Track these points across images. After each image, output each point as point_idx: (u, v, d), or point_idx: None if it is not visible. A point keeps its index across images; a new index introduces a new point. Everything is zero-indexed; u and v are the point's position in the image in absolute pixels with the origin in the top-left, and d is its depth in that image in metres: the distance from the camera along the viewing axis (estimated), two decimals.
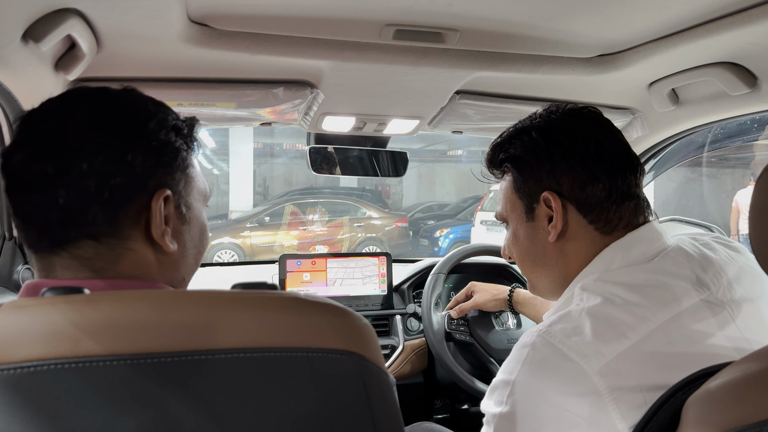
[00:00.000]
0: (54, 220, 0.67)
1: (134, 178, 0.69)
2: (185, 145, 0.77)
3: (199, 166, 0.82)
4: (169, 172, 0.74)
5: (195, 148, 0.80)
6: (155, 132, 0.72)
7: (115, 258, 0.69)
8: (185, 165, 0.76)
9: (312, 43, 1.16)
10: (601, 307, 0.80)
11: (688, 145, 1.84)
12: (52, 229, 0.67)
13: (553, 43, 1.21)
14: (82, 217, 0.67)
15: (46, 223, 0.67)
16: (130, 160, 0.69)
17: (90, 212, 0.67)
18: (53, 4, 0.90)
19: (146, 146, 0.71)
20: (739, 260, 0.92)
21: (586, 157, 0.91)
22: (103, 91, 0.74)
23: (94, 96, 0.73)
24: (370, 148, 1.83)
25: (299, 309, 0.61)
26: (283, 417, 0.57)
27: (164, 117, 0.75)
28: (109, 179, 0.67)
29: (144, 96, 0.76)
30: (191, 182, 0.78)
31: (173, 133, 0.75)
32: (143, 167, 0.70)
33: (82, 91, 0.73)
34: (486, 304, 1.77)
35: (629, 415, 0.72)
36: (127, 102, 0.73)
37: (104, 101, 0.72)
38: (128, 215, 0.69)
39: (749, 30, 1.03)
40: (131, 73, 1.25)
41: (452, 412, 2.12)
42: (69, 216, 0.67)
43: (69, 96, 0.73)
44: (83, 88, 0.74)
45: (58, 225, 0.67)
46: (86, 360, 0.52)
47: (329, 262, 1.98)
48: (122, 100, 0.73)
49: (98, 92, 0.73)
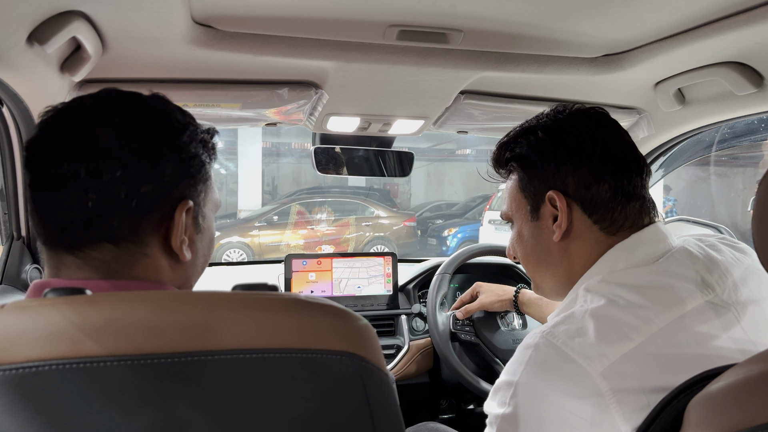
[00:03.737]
0: (78, 221, 0.67)
1: (161, 188, 0.70)
2: (208, 157, 0.78)
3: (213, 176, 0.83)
4: (193, 183, 0.75)
5: (214, 159, 0.81)
6: (186, 144, 0.73)
7: (131, 263, 0.70)
8: (206, 177, 0.78)
9: (316, 44, 1.16)
10: (604, 309, 0.80)
11: (695, 144, 1.83)
12: (74, 229, 0.68)
13: (558, 43, 1.21)
14: (108, 222, 0.67)
15: (69, 223, 0.67)
16: (161, 171, 0.70)
17: (116, 217, 0.68)
18: (58, 7, 0.90)
19: (176, 158, 0.72)
20: (745, 261, 0.91)
21: (592, 157, 0.91)
22: (135, 96, 0.74)
23: (125, 101, 0.73)
24: (376, 148, 1.83)
25: (299, 310, 0.61)
26: (282, 418, 0.57)
27: (194, 129, 0.76)
28: (138, 187, 0.68)
29: (172, 104, 0.77)
30: (209, 193, 0.79)
31: (201, 145, 0.76)
32: (171, 178, 0.71)
33: (113, 94, 0.74)
34: (492, 304, 1.77)
35: (632, 417, 0.72)
36: (159, 111, 0.74)
37: (137, 108, 0.72)
38: (150, 223, 0.70)
39: (755, 30, 1.03)
40: (137, 75, 1.26)
41: (458, 412, 2.12)
42: (94, 218, 0.67)
43: (98, 98, 0.73)
44: (113, 91, 0.74)
45: (81, 226, 0.67)
46: (87, 360, 0.53)
47: (335, 262, 1.98)
48: (154, 108, 0.74)
49: (130, 97, 0.74)
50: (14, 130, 1.22)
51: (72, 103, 0.72)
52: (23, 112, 1.13)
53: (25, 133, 1.20)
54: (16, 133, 1.22)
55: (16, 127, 1.21)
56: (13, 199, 1.32)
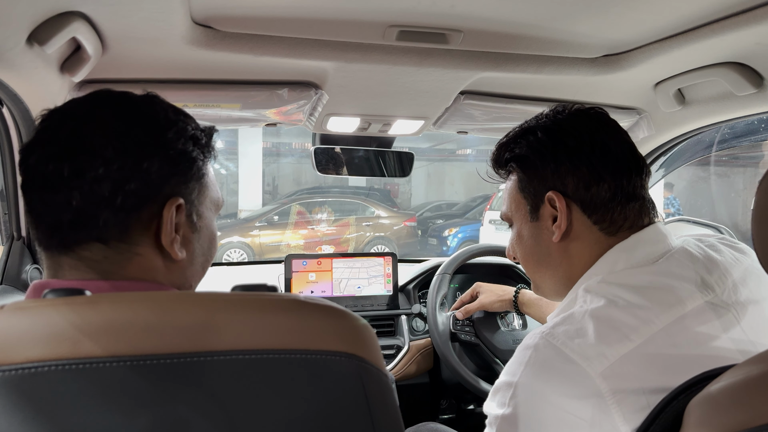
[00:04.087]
0: (65, 221, 0.67)
1: (148, 186, 0.70)
2: (202, 154, 0.77)
3: (213, 174, 0.82)
4: (184, 181, 0.74)
5: (211, 157, 0.80)
6: (173, 141, 0.73)
7: (123, 262, 0.70)
8: (200, 174, 0.77)
9: (316, 44, 1.16)
10: (604, 309, 0.80)
11: (695, 145, 1.83)
12: (62, 229, 0.68)
13: (558, 43, 1.21)
14: (94, 220, 0.67)
15: (58, 223, 0.68)
16: (146, 168, 0.69)
17: (102, 216, 0.67)
18: (58, 7, 0.90)
19: (163, 155, 0.71)
20: (744, 262, 0.91)
21: (592, 158, 0.91)
22: (125, 96, 0.74)
23: (115, 101, 0.73)
24: (376, 149, 1.83)
25: (298, 311, 0.61)
26: (282, 418, 0.57)
27: (183, 126, 0.75)
28: (123, 185, 0.68)
29: (165, 103, 0.76)
30: (205, 191, 0.79)
31: (191, 142, 0.75)
32: (158, 175, 0.70)
33: (104, 94, 0.74)
34: (492, 305, 1.77)
35: (632, 417, 0.72)
36: (147, 109, 0.74)
37: (125, 107, 0.72)
38: (139, 221, 0.70)
39: (755, 30, 1.03)
40: (136, 75, 1.26)
41: (458, 412, 2.12)
42: (80, 218, 0.67)
43: (90, 99, 0.73)
44: (105, 92, 0.74)
45: (69, 226, 0.68)
46: (86, 361, 0.53)
47: (335, 262, 1.98)
48: (143, 106, 0.74)
49: (120, 97, 0.74)
50: (14, 131, 1.22)
51: (65, 105, 0.72)
52: (23, 113, 1.13)
53: (25, 133, 1.20)
54: (16, 133, 1.22)
55: (16, 128, 1.21)
56: (13, 200, 1.32)
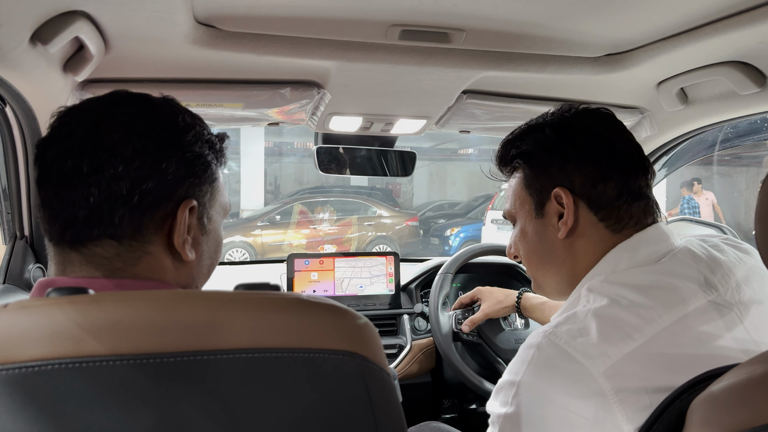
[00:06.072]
0: (80, 217, 0.68)
1: (165, 186, 0.71)
2: (216, 159, 0.79)
3: (223, 180, 0.84)
4: (198, 183, 0.76)
5: (223, 162, 0.82)
6: (191, 144, 0.75)
7: (134, 260, 0.71)
8: (213, 178, 0.79)
9: (318, 43, 1.16)
10: (607, 309, 0.80)
11: (697, 144, 1.82)
12: (76, 225, 0.69)
13: (560, 42, 1.21)
14: (109, 218, 0.68)
15: (72, 218, 0.68)
16: (164, 168, 0.71)
17: (117, 213, 0.69)
18: (61, 7, 0.91)
19: (181, 157, 0.73)
20: (748, 262, 0.91)
21: (599, 155, 0.91)
22: (145, 97, 0.75)
23: (135, 101, 0.75)
24: (378, 148, 1.83)
25: (301, 310, 0.61)
26: (285, 417, 0.57)
27: (201, 130, 0.77)
28: (141, 184, 0.69)
29: (182, 107, 0.78)
30: (216, 195, 0.80)
31: (207, 146, 0.77)
32: (175, 176, 0.72)
33: (124, 95, 0.75)
34: (496, 313, 1.76)
35: (634, 417, 0.72)
36: (166, 111, 0.75)
37: (145, 108, 0.74)
38: (153, 220, 0.71)
39: (758, 29, 1.02)
40: (139, 74, 1.26)
41: (460, 411, 2.12)
42: (96, 214, 0.68)
43: (110, 98, 0.74)
44: (125, 92, 0.76)
45: (83, 222, 0.68)
46: (89, 360, 0.53)
47: (337, 261, 1.98)
48: (163, 108, 0.75)
49: (139, 98, 0.75)
50: (17, 130, 1.22)
51: (84, 103, 0.74)
52: (26, 112, 1.14)
53: (28, 132, 1.21)
54: (19, 133, 1.23)
55: (19, 127, 1.21)
56: (16, 199, 1.33)
